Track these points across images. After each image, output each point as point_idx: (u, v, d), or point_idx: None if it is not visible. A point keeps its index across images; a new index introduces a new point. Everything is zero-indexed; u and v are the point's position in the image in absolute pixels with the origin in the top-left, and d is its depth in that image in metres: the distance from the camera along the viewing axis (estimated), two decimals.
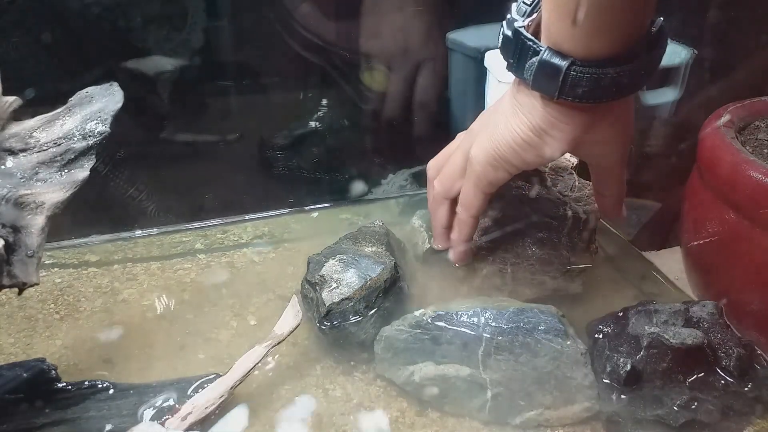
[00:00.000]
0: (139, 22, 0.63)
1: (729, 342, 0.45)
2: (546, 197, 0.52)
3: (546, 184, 0.53)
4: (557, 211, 0.52)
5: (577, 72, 0.39)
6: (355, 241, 0.55)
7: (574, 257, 0.52)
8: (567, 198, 0.52)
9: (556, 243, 0.52)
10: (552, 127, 0.43)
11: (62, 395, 0.43)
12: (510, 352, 0.44)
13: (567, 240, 0.52)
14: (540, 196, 0.52)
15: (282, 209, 0.69)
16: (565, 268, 0.52)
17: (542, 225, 0.52)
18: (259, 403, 0.45)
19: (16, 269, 0.39)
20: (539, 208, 0.52)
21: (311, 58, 0.70)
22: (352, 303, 0.48)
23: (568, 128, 0.43)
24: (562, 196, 0.52)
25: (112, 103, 0.45)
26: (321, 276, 0.50)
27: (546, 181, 0.53)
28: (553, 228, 0.52)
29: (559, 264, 0.51)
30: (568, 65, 0.39)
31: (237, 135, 0.72)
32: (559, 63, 0.39)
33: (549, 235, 0.52)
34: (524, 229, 0.52)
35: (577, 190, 0.53)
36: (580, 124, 0.42)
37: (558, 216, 0.52)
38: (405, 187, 0.73)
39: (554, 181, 0.53)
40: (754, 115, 0.56)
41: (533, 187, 0.53)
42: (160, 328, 0.52)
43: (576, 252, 0.52)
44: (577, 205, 0.52)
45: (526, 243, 0.52)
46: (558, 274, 0.52)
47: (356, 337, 0.48)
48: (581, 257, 0.52)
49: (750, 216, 0.48)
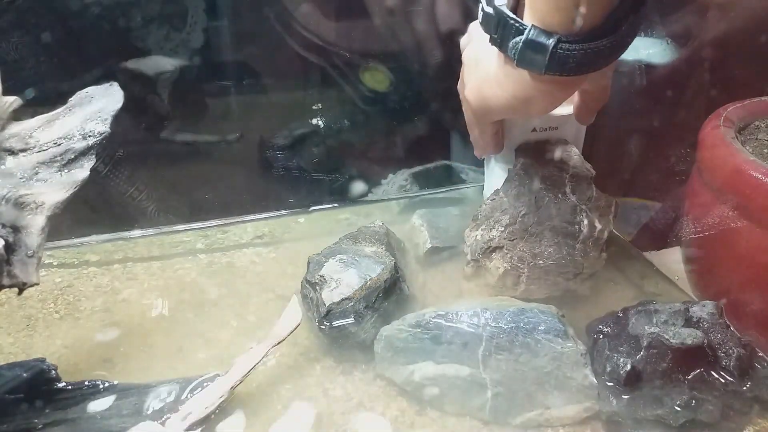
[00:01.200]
0: (139, 22, 0.63)
1: (729, 342, 0.45)
2: (565, 202, 0.53)
3: (565, 191, 0.53)
4: (574, 218, 0.53)
5: (564, 49, 0.38)
6: (355, 241, 0.55)
7: (587, 262, 0.53)
8: (583, 207, 0.53)
9: (571, 247, 0.52)
10: (537, 98, 0.43)
11: (62, 395, 0.43)
12: (510, 352, 0.44)
13: (582, 246, 0.52)
14: (558, 201, 0.53)
15: (282, 209, 0.69)
16: (578, 272, 0.52)
17: (560, 229, 0.52)
18: (259, 403, 0.45)
19: (16, 269, 0.39)
20: (559, 213, 0.52)
21: (311, 57, 0.70)
22: (352, 303, 0.48)
23: (553, 96, 0.43)
24: (580, 204, 0.53)
25: (112, 103, 0.45)
26: (321, 276, 0.50)
27: (566, 187, 0.54)
28: (569, 233, 0.52)
29: (573, 267, 0.52)
30: (555, 43, 0.38)
31: (237, 135, 0.72)
32: (545, 41, 0.39)
33: (565, 240, 0.52)
34: (543, 231, 0.52)
35: (594, 200, 0.53)
36: (566, 90, 0.43)
37: (575, 222, 0.53)
38: (405, 187, 0.73)
39: (573, 188, 0.53)
40: (754, 115, 0.56)
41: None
42: (160, 328, 0.52)
43: (588, 257, 0.53)
44: (593, 215, 0.53)
45: (543, 245, 0.52)
46: (571, 276, 0.52)
47: (356, 336, 0.48)
48: (593, 263, 0.53)
49: (750, 216, 0.48)
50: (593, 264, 0.53)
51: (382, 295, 0.50)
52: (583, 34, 0.38)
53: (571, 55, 0.38)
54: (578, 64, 0.39)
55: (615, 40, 0.39)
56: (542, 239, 0.52)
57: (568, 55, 0.38)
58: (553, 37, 0.38)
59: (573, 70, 0.40)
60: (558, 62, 0.39)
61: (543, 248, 0.52)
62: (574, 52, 0.38)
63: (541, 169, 0.54)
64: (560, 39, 0.38)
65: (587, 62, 0.39)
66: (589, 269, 0.53)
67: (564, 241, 0.52)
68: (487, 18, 0.43)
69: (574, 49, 0.38)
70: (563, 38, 0.38)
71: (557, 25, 0.38)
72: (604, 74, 0.47)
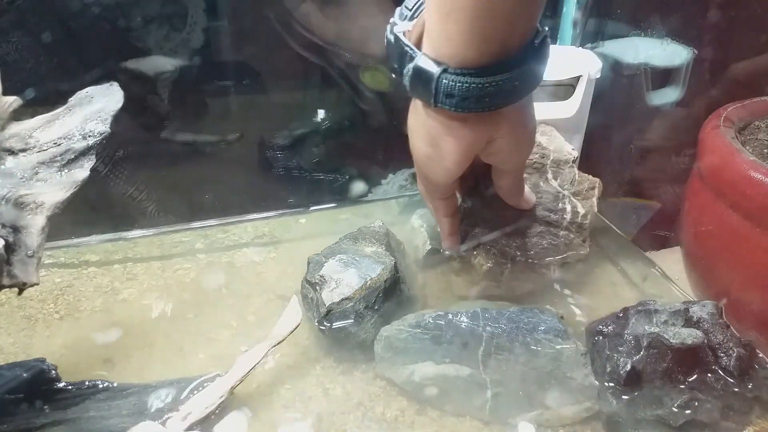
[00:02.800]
0: (139, 22, 0.63)
1: (729, 342, 0.45)
2: (546, 190, 0.52)
3: (547, 177, 0.53)
4: (556, 204, 0.53)
5: (449, 80, 0.38)
6: (355, 241, 0.55)
7: (572, 249, 0.53)
8: (566, 191, 0.53)
9: (554, 235, 0.52)
10: (441, 138, 0.42)
11: (62, 395, 0.43)
12: (510, 352, 0.44)
13: (565, 233, 0.52)
14: (540, 190, 0.53)
15: (282, 209, 0.69)
16: (564, 260, 0.52)
17: (542, 219, 0.52)
18: (260, 403, 0.45)
19: (16, 269, 0.39)
20: (540, 201, 0.52)
21: (311, 58, 0.70)
22: (352, 303, 0.48)
23: (456, 139, 0.42)
24: (562, 190, 0.53)
25: (112, 103, 0.45)
26: (321, 276, 0.50)
27: (547, 173, 0.53)
28: (552, 222, 0.52)
29: (557, 256, 0.52)
30: (440, 72, 0.38)
31: (237, 135, 0.72)
32: (431, 69, 0.38)
33: (548, 229, 0.52)
34: (525, 223, 0.52)
35: (576, 183, 0.53)
36: (468, 134, 0.42)
37: (557, 209, 0.53)
38: (405, 187, 0.74)
39: (555, 174, 0.53)
40: (754, 115, 0.56)
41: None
42: (160, 328, 0.52)
43: (572, 244, 0.52)
44: (576, 199, 0.53)
45: (526, 237, 0.52)
46: (557, 265, 0.52)
47: (356, 337, 0.48)
48: (578, 248, 0.53)
49: (750, 216, 0.48)
50: (578, 248, 0.53)
51: (382, 295, 0.49)
52: (472, 69, 0.38)
53: (455, 87, 0.38)
54: (462, 98, 0.38)
55: (501, 80, 0.38)
56: (525, 232, 0.52)
57: (452, 86, 0.38)
58: (441, 66, 0.38)
59: (459, 106, 0.39)
60: (444, 93, 0.38)
61: (525, 241, 0.52)
62: (458, 84, 0.38)
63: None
64: (446, 69, 0.38)
65: (471, 99, 0.38)
66: (576, 254, 0.53)
67: (547, 230, 0.52)
68: (389, 46, 0.42)
69: (458, 81, 0.38)
70: (450, 69, 0.38)
71: (447, 57, 0.38)
72: (512, 154, 0.45)
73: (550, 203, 0.53)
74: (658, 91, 0.66)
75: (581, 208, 0.53)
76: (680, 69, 0.65)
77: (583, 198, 0.53)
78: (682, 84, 0.66)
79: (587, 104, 0.63)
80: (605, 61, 0.65)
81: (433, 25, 0.38)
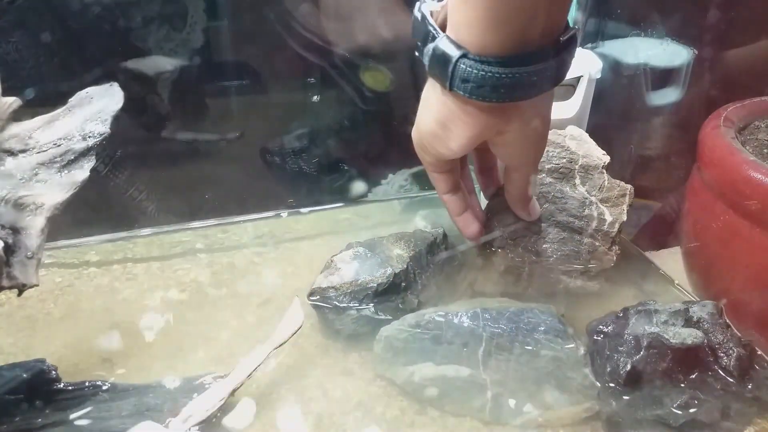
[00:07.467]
0: (139, 22, 0.63)
1: (729, 342, 0.45)
2: (572, 196, 0.51)
3: (574, 183, 0.52)
4: (582, 210, 0.51)
5: (467, 65, 0.37)
6: (397, 240, 0.55)
7: (595, 258, 0.51)
8: (594, 197, 0.52)
9: (578, 243, 0.51)
10: (451, 121, 0.42)
11: (62, 396, 0.43)
12: (510, 353, 0.44)
13: (590, 240, 0.51)
14: (566, 195, 0.52)
15: (282, 209, 0.69)
16: (585, 269, 0.51)
17: (566, 224, 0.51)
18: (260, 404, 0.45)
19: (15, 271, 0.39)
20: (564, 207, 0.51)
21: (311, 58, 0.70)
22: (336, 293, 0.50)
23: (466, 125, 0.41)
24: (589, 196, 0.52)
25: (112, 104, 0.45)
26: (332, 260, 0.52)
27: (575, 179, 0.52)
28: (576, 228, 0.51)
29: (578, 264, 0.51)
30: (459, 56, 0.38)
31: (238, 133, 0.72)
32: (450, 53, 0.38)
33: (571, 235, 0.51)
34: (547, 228, 0.51)
35: (605, 190, 0.52)
36: (479, 122, 0.41)
37: (583, 216, 0.51)
38: (405, 187, 0.73)
39: (583, 179, 0.52)
40: (754, 115, 0.56)
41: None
42: (160, 328, 0.52)
43: (597, 252, 0.51)
44: (604, 206, 0.52)
45: (547, 242, 0.51)
46: (577, 274, 0.51)
47: (333, 324, 0.50)
48: (602, 258, 0.52)
49: (750, 216, 0.48)
50: (603, 258, 0.52)
51: (371, 295, 0.50)
52: (491, 57, 0.37)
53: (471, 74, 0.37)
54: (478, 86, 0.38)
55: (518, 74, 0.37)
56: (546, 236, 0.51)
57: (469, 72, 0.37)
58: (461, 50, 0.38)
59: (474, 93, 0.38)
60: (460, 78, 0.38)
61: (546, 246, 0.51)
62: (475, 71, 0.37)
63: (548, 163, 0.53)
64: (466, 54, 0.37)
65: (486, 88, 0.38)
66: (599, 264, 0.52)
67: (570, 237, 0.51)
68: (415, 22, 0.42)
69: (475, 68, 0.37)
70: (470, 55, 0.37)
71: (468, 43, 0.38)
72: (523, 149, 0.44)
73: (575, 209, 0.51)
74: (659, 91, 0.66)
75: (609, 216, 0.51)
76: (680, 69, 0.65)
77: (612, 205, 0.52)
78: (682, 84, 0.66)
79: (588, 104, 0.63)
80: (605, 61, 0.65)
81: (455, 8, 0.38)
